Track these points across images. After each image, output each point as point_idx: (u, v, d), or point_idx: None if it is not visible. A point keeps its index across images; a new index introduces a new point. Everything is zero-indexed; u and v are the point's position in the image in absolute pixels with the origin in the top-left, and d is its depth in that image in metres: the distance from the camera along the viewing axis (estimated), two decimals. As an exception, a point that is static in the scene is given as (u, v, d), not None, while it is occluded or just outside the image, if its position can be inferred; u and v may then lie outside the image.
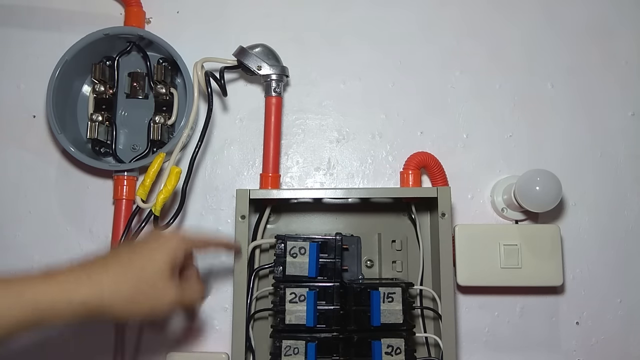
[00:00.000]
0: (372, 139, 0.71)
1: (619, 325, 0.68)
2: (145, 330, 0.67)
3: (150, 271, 0.48)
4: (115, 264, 0.47)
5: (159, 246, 0.50)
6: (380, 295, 0.58)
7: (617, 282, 0.69)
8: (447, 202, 0.60)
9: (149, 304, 0.48)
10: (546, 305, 0.68)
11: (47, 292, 0.43)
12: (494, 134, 0.71)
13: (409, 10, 0.74)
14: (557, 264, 0.64)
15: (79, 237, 0.69)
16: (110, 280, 0.46)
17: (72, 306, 0.44)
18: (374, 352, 0.57)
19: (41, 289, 0.43)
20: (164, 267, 0.49)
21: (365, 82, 0.73)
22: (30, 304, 0.42)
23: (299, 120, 0.72)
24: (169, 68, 0.69)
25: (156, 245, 0.50)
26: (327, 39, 0.73)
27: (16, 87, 0.72)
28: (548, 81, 0.72)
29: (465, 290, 0.68)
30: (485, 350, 0.67)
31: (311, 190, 0.65)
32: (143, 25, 0.72)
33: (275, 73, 0.67)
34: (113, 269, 0.47)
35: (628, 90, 0.72)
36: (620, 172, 0.71)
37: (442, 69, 0.73)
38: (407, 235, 0.66)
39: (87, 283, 0.45)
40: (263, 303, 0.64)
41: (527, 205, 0.64)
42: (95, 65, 0.67)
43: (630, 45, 0.73)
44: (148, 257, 0.49)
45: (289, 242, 0.60)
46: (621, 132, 0.72)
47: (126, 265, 0.47)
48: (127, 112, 0.70)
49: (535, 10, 0.74)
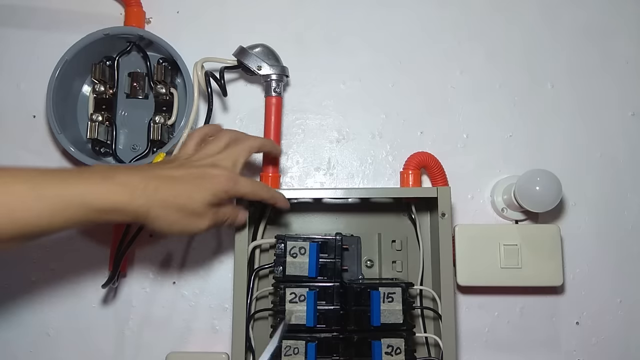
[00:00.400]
0: (372, 139, 0.71)
1: (619, 325, 0.68)
2: (146, 330, 0.67)
3: (195, 206, 0.49)
4: (165, 188, 0.48)
5: (211, 179, 0.51)
6: (380, 295, 0.58)
7: (617, 282, 0.69)
8: (447, 202, 0.60)
9: (184, 225, 0.50)
10: (546, 305, 0.68)
11: (105, 195, 0.45)
12: (494, 134, 0.71)
13: (409, 10, 0.74)
14: (557, 264, 0.64)
15: (79, 237, 0.69)
16: (160, 197, 0.47)
17: (123, 214, 0.46)
18: (374, 352, 0.57)
19: (100, 190, 0.45)
20: (208, 199, 0.50)
21: (365, 82, 0.73)
22: (88, 206, 0.44)
23: (299, 120, 0.72)
24: (169, 68, 0.69)
25: (210, 176, 0.51)
26: (327, 39, 0.73)
27: (16, 87, 0.72)
28: (548, 81, 0.73)
29: (465, 290, 0.68)
30: (485, 350, 0.67)
31: (311, 190, 0.65)
32: (143, 25, 0.72)
33: (275, 73, 0.67)
34: (163, 191, 0.48)
35: (628, 90, 0.73)
36: (620, 172, 0.71)
37: (442, 69, 0.73)
38: (407, 235, 0.66)
39: (142, 194, 0.46)
40: (263, 303, 0.64)
41: (527, 205, 0.64)
42: (95, 65, 0.67)
43: (630, 45, 0.74)
44: (198, 186, 0.50)
45: (289, 242, 0.60)
46: (621, 132, 0.72)
47: (174, 191, 0.48)
48: (127, 112, 0.70)
49: (535, 11, 0.74)
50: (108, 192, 0.45)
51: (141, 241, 0.69)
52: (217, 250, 0.69)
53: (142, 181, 0.47)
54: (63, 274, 0.69)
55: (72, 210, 0.43)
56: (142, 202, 0.46)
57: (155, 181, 0.48)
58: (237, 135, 0.58)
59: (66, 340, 0.67)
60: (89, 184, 0.44)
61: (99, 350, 0.67)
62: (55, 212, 0.43)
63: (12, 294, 0.68)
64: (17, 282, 0.68)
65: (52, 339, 0.67)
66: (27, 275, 0.68)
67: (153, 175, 0.48)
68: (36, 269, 0.69)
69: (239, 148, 0.55)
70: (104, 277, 0.66)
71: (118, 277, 0.64)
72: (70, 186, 0.43)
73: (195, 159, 0.53)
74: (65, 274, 0.69)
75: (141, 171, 0.48)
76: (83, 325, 0.67)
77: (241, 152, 0.55)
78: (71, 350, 0.67)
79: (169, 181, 0.49)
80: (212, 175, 0.51)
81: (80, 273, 0.68)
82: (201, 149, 0.55)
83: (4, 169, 0.43)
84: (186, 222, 0.50)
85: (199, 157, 0.54)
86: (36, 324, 0.67)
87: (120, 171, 0.47)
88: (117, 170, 0.47)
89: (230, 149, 0.55)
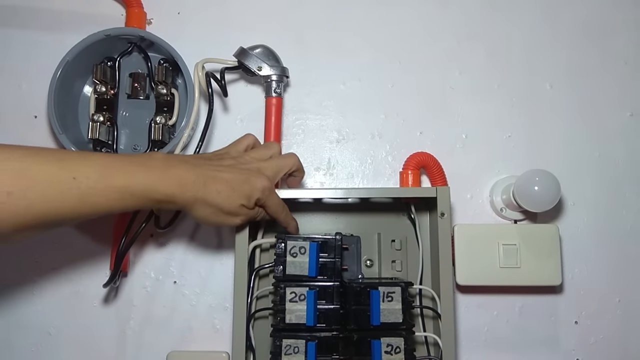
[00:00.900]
0: (372, 139, 0.72)
1: (618, 324, 0.68)
2: (147, 329, 0.68)
3: (231, 202, 0.53)
4: (210, 190, 0.52)
5: (252, 185, 0.54)
6: (380, 294, 0.58)
7: (616, 281, 0.69)
8: (446, 202, 0.60)
9: (220, 222, 0.54)
10: (545, 304, 0.68)
11: (162, 188, 0.49)
12: (493, 134, 0.72)
13: (408, 10, 0.74)
14: (556, 263, 0.65)
15: (79, 237, 0.69)
16: (204, 195, 0.52)
17: (173, 204, 0.51)
18: (374, 351, 0.57)
19: (160, 183, 0.49)
20: (243, 202, 0.54)
21: (365, 82, 0.73)
22: (147, 197, 0.49)
23: (299, 121, 0.72)
24: (169, 69, 0.69)
25: (252, 182, 0.54)
26: (327, 39, 0.74)
27: (17, 88, 0.72)
28: (547, 81, 0.73)
29: (465, 289, 0.68)
30: (484, 350, 0.68)
31: (311, 190, 0.65)
32: (144, 26, 0.72)
33: (276, 74, 0.67)
34: (208, 191, 0.52)
35: (627, 90, 0.73)
36: (619, 172, 0.71)
37: (441, 69, 0.73)
38: (407, 235, 0.67)
39: (192, 189, 0.51)
40: (263, 302, 0.64)
41: (526, 205, 0.64)
42: (97, 66, 0.68)
43: (629, 45, 0.74)
44: (238, 191, 0.53)
45: (289, 242, 0.60)
46: (620, 132, 0.72)
47: (217, 195, 0.52)
48: (128, 113, 0.71)
49: (534, 11, 0.74)
50: (165, 186, 0.50)
51: (142, 240, 0.69)
52: (218, 249, 0.69)
53: (196, 178, 0.51)
54: (64, 273, 0.69)
55: (134, 199, 0.49)
56: (189, 195, 0.51)
57: (205, 179, 0.52)
58: (281, 150, 0.63)
59: (67, 339, 0.67)
60: (149, 177, 0.49)
61: (100, 350, 0.67)
62: (121, 199, 0.48)
63: (13, 293, 0.69)
64: (19, 281, 0.69)
65: (53, 338, 0.67)
66: (29, 275, 0.69)
67: (205, 174, 0.52)
68: (37, 268, 0.69)
69: (282, 162, 0.59)
70: (105, 276, 0.66)
71: (119, 276, 0.65)
72: (134, 178, 0.48)
73: (244, 160, 0.57)
74: (66, 274, 0.69)
75: (196, 167, 0.52)
76: (84, 324, 0.67)
77: (283, 166, 0.59)
78: (72, 350, 0.67)
79: (216, 182, 0.52)
80: (254, 182, 0.54)
81: (81, 272, 0.69)
82: (251, 151, 0.59)
83: (73, 153, 0.50)
84: (220, 219, 0.54)
85: (248, 160, 0.57)
86: (37, 323, 0.68)
87: (177, 165, 0.51)
88: (174, 164, 0.51)
89: (275, 160, 0.59)
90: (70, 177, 0.45)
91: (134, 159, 0.50)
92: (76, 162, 0.46)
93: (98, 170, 0.47)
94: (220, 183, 0.53)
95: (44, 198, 0.44)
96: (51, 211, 0.45)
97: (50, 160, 0.45)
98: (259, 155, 0.58)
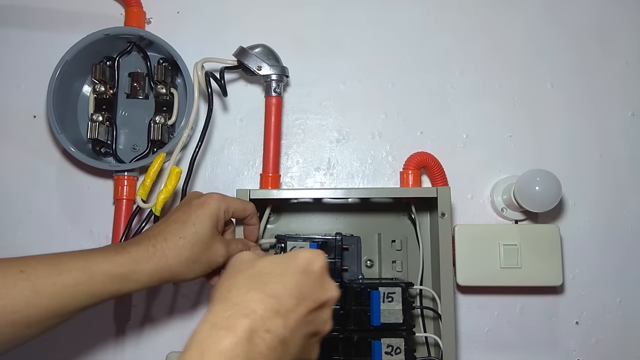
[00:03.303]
0: (372, 139, 0.71)
1: (619, 325, 0.68)
2: (146, 330, 0.67)
3: (201, 233, 0.52)
4: (171, 233, 0.51)
5: (200, 206, 0.53)
6: (380, 295, 0.58)
7: (616, 282, 0.69)
8: (446, 202, 0.60)
9: (207, 261, 0.53)
10: (546, 305, 0.68)
11: (120, 265, 0.48)
12: (493, 134, 0.71)
13: (409, 10, 0.74)
14: (557, 264, 0.64)
15: (79, 237, 0.69)
16: (171, 248, 0.50)
17: (145, 275, 0.49)
18: (374, 351, 0.57)
19: (114, 260, 0.48)
20: (209, 225, 0.53)
21: (365, 82, 0.73)
22: (105, 275, 0.47)
23: (299, 120, 0.72)
24: (169, 68, 0.69)
25: (197, 205, 0.53)
26: (327, 39, 0.73)
27: (16, 87, 0.72)
28: (548, 81, 0.73)
29: (465, 290, 0.68)
30: (485, 350, 0.67)
31: (311, 190, 0.65)
32: (143, 25, 0.72)
33: (276, 73, 0.67)
34: (171, 238, 0.51)
35: (628, 90, 0.73)
36: (620, 172, 0.71)
37: (442, 69, 0.73)
38: (407, 235, 0.66)
39: (155, 253, 0.50)
40: (263, 303, 0.64)
41: (526, 205, 0.64)
42: (96, 66, 0.67)
43: (630, 45, 0.74)
44: (196, 219, 0.52)
45: (289, 242, 0.60)
46: (621, 132, 0.72)
47: (179, 232, 0.51)
48: (127, 112, 0.70)
49: (535, 10, 0.74)
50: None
51: (141, 241, 0.69)
52: (217, 250, 0.69)
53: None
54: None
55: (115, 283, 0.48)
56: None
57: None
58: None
59: (66, 340, 0.67)
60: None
61: (100, 350, 0.67)
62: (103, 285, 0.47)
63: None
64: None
65: (52, 338, 0.67)
66: (28, 275, 0.68)
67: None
68: (37, 268, 0.69)
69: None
70: (105, 277, 0.66)
71: (118, 277, 0.64)
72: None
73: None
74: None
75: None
76: (83, 325, 0.67)
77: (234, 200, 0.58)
78: (71, 351, 0.67)
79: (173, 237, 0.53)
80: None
81: (80, 273, 0.68)
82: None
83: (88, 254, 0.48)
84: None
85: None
86: (37, 323, 0.67)
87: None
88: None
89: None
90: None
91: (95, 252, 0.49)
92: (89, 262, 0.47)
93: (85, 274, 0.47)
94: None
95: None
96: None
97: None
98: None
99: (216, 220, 0.53)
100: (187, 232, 0.51)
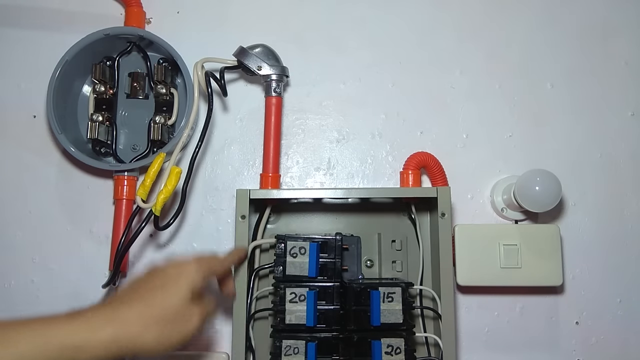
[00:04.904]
0: (372, 139, 0.71)
1: (619, 325, 0.68)
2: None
3: (173, 303, 0.48)
4: (137, 300, 0.47)
5: (178, 275, 0.49)
6: (380, 295, 0.58)
7: (616, 282, 0.69)
8: (446, 202, 0.60)
9: (178, 333, 0.48)
10: (546, 305, 0.68)
11: (74, 332, 0.43)
12: (493, 134, 0.71)
13: (409, 10, 0.74)
14: (557, 263, 0.64)
15: (79, 237, 0.69)
16: (135, 317, 0.46)
17: (102, 344, 0.43)
18: (374, 351, 0.57)
19: (67, 329, 0.43)
20: (186, 295, 0.48)
21: (365, 82, 0.73)
22: (57, 346, 0.42)
23: (299, 120, 0.72)
24: (169, 68, 0.69)
25: (175, 273, 0.50)
26: (327, 39, 0.73)
27: (16, 87, 0.72)
28: (548, 81, 0.73)
29: (465, 290, 0.68)
30: (485, 350, 0.67)
31: (311, 190, 0.65)
32: (143, 25, 0.72)
33: (276, 73, 0.67)
34: (136, 305, 0.46)
35: (628, 90, 0.73)
36: (620, 172, 0.71)
37: (442, 69, 0.73)
38: (407, 235, 0.66)
39: (114, 320, 0.45)
40: (263, 303, 0.64)
41: (526, 205, 0.64)
42: (96, 66, 0.67)
43: (629, 45, 0.74)
44: (169, 288, 0.48)
45: (289, 242, 0.60)
46: (621, 132, 0.72)
47: (149, 300, 0.47)
48: (127, 112, 0.70)
49: (535, 11, 0.74)
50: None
51: (142, 241, 0.69)
52: (217, 250, 0.69)
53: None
54: (63, 274, 0.69)
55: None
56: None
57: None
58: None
59: None
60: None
61: None
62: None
63: (12, 294, 0.68)
64: (18, 282, 0.68)
65: None
66: (28, 276, 0.69)
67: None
68: (36, 269, 0.69)
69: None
70: (105, 277, 0.66)
71: (119, 276, 0.64)
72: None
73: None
74: (65, 274, 0.69)
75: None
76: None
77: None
78: None
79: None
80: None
81: (80, 273, 0.69)
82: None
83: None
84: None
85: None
86: (36, 323, 0.67)
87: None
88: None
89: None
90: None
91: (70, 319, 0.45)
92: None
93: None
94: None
95: None
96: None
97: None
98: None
99: (193, 286, 0.49)
100: (157, 300, 0.47)
